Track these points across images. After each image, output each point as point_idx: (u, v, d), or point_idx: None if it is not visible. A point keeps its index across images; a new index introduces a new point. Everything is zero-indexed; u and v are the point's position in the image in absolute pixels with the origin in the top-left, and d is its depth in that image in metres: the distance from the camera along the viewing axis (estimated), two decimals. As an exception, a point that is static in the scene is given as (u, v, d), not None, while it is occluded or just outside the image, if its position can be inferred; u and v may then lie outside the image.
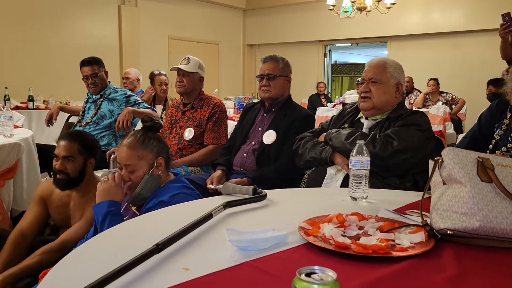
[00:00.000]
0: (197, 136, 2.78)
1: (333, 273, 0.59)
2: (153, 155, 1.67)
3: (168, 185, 1.67)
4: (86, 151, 2.04)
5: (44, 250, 1.85)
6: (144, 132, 1.70)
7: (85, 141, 2.06)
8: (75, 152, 2.01)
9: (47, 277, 0.85)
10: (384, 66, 2.00)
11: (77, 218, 2.02)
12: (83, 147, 2.03)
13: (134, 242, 1.02)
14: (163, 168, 1.69)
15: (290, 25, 10.09)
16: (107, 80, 3.54)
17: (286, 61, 2.57)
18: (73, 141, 2.02)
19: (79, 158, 2.02)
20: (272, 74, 2.49)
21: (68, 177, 1.99)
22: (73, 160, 2.00)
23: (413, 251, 0.96)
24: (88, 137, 2.15)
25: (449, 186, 1.08)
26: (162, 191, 1.64)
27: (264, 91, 2.51)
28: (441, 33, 8.29)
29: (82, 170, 2.03)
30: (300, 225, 1.10)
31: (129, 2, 8.26)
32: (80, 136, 2.08)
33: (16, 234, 2.02)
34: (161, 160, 1.68)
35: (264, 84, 2.50)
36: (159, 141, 1.72)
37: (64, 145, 2.01)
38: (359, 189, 1.43)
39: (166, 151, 1.74)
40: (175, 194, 1.58)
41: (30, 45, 6.73)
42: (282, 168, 2.33)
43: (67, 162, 1.99)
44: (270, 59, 2.54)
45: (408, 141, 1.82)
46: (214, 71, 9.91)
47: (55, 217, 2.13)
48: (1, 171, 2.54)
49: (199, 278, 0.83)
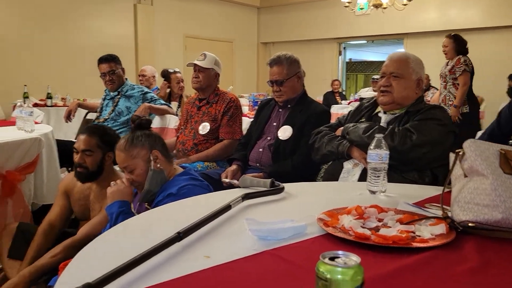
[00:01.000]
0: (213, 131, 2.79)
1: (357, 257, 0.59)
2: (146, 150, 1.69)
3: (176, 178, 1.69)
4: (104, 145, 2.06)
5: (67, 245, 1.89)
6: (132, 132, 1.74)
7: (104, 136, 2.08)
8: (94, 146, 2.03)
9: (71, 264, 0.86)
10: (406, 61, 1.98)
11: (96, 211, 2.06)
12: (102, 141, 2.05)
13: (155, 232, 1.03)
14: (161, 160, 1.70)
15: (305, 23, 10.05)
16: (124, 77, 3.58)
17: (292, 59, 2.51)
18: (92, 135, 2.05)
19: (98, 152, 2.04)
20: (279, 79, 2.47)
21: (87, 170, 2.03)
22: (92, 154, 2.02)
23: (434, 243, 0.95)
24: (108, 131, 2.16)
25: (471, 179, 1.07)
26: (170, 184, 1.66)
27: (277, 96, 2.52)
28: (458, 29, 8.15)
29: (101, 164, 2.05)
30: (319, 216, 1.10)
31: (145, 1, 8.33)
32: (99, 131, 2.10)
33: (45, 225, 2.10)
34: (156, 153, 1.69)
35: (275, 89, 2.50)
36: (148, 136, 1.73)
37: (84, 139, 2.04)
38: (378, 182, 1.42)
39: (159, 143, 1.75)
40: (183, 186, 1.59)
41: (48, 44, 6.83)
42: (299, 164, 2.33)
43: (86, 156, 2.02)
44: (275, 64, 2.49)
45: (428, 135, 1.80)
46: (229, 69, 9.92)
47: (76, 210, 2.18)
48: (22, 165, 2.58)
49: (220, 266, 0.84)
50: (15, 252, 2.05)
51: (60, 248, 1.88)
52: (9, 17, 6.46)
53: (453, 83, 4.55)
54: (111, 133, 2.17)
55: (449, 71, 4.57)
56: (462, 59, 4.50)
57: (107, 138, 2.08)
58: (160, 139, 1.78)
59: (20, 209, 2.59)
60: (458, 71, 4.48)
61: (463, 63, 4.48)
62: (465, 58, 4.52)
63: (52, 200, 2.71)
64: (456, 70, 4.49)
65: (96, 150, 2.04)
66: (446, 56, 4.68)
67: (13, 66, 6.43)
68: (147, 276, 0.79)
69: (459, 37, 4.65)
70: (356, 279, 0.57)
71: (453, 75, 4.53)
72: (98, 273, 0.73)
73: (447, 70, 4.61)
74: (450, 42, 4.61)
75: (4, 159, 2.46)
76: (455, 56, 4.56)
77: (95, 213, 2.04)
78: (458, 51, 4.56)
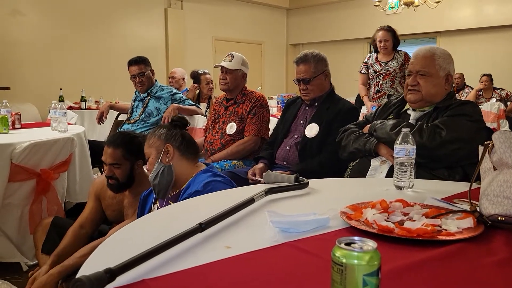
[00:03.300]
0: (240, 131, 2.80)
1: (373, 243, 0.58)
2: (161, 141, 1.72)
3: (199, 176, 1.69)
4: (131, 155, 2.01)
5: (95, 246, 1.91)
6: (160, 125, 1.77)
7: (129, 146, 2.02)
8: (121, 158, 1.99)
9: (96, 252, 0.89)
10: (432, 58, 1.91)
11: (129, 216, 2.06)
12: (128, 152, 2.00)
13: (178, 224, 1.04)
14: (174, 156, 1.71)
15: (334, 23, 9.96)
16: (154, 79, 3.64)
17: (319, 57, 2.48)
18: (117, 147, 1.99)
19: (126, 163, 2.00)
20: (306, 78, 2.44)
21: (118, 182, 2.01)
22: (120, 167, 1.99)
23: (460, 236, 0.93)
24: (133, 140, 2.06)
25: (500, 171, 1.03)
26: (193, 182, 1.67)
27: (304, 95, 2.50)
28: (494, 27, 7.91)
29: (131, 174, 2.02)
30: (342, 210, 1.09)
31: (175, 5, 8.47)
32: (124, 141, 2.03)
33: (76, 226, 2.11)
34: (169, 147, 1.71)
35: (302, 88, 2.48)
36: (168, 130, 1.75)
37: (110, 153, 1.99)
38: (404, 178, 1.39)
39: (179, 140, 1.74)
40: (208, 182, 1.60)
41: (82, 49, 7.04)
42: (326, 161, 2.30)
43: (114, 168, 1.99)
44: (301, 62, 2.47)
45: (458, 131, 1.75)
46: (258, 71, 9.95)
47: (108, 214, 2.18)
48: (56, 164, 2.67)
49: (240, 255, 0.84)
50: (48, 247, 2.09)
51: (88, 248, 1.90)
52: (45, 23, 6.69)
53: (400, 82, 4.12)
54: (137, 141, 2.06)
55: (399, 68, 4.11)
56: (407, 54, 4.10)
57: (134, 148, 2.02)
58: (183, 136, 1.77)
59: (54, 206, 2.68)
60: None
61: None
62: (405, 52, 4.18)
63: (84, 198, 2.79)
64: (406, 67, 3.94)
65: (124, 162, 1.99)
66: (385, 51, 4.18)
67: (49, 70, 6.66)
68: (167, 264, 0.80)
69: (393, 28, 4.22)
70: (373, 264, 0.56)
71: (402, 72, 4.08)
72: (121, 260, 0.74)
73: (395, 67, 4.12)
74: (390, 35, 4.14)
75: (39, 158, 2.55)
76: (392, 51, 4.19)
77: (128, 218, 2.05)
78: (395, 45, 4.19)
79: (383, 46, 4.15)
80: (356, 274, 0.56)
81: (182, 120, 1.81)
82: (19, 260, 2.57)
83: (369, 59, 4.36)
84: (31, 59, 6.51)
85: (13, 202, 2.52)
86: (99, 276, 0.67)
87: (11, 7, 6.34)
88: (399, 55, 4.17)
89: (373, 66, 4.27)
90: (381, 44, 4.16)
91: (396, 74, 4.13)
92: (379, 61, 4.25)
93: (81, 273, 0.72)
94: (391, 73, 4.14)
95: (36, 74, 6.54)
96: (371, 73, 4.29)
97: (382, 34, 4.16)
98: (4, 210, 2.49)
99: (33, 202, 2.56)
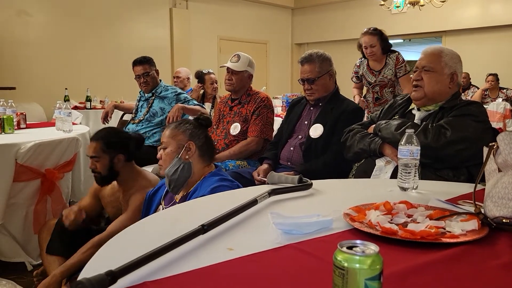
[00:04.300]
0: (244, 131, 2.80)
1: (375, 246, 0.58)
2: (184, 137, 1.73)
3: (208, 178, 1.70)
4: (110, 149, 2.04)
5: (95, 242, 1.93)
6: (187, 119, 1.77)
7: (108, 139, 2.05)
8: (99, 151, 2.03)
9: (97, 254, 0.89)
10: (439, 55, 1.91)
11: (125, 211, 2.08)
12: (107, 145, 2.04)
13: (181, 225, 1.04)
14: (194, 155, 1.72)
15: (339, 23, 9.93)
16: (158, 79, 3.64)
17: (324, 56, 2.48)
18: (96, 141, 2.05)
19: (105, 157, 2.04)
20: (311, 77, 2.44)
21: (100, 174, 2.06)
22: (99, 160, 2.04)
23: (464, 238, 0.92)
24: (114, 134, 2.12)
25: (505, 173, 1.02)
26: (202, 184, 1.68)
27: (308, 95, 2.50)
28: (500, 26, 7.85)
29: (111, 167, 2.06)
30: (345, 211, 1.08)
31: (180, 5, 8.47)
32: (102, 135, 2.08)
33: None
34: (191, 145, 1.71)
35: (307, 88, 2.47)
36: (195, 128, 1.76)
37: (89, 146, 2.07)
38: (409, 179, 1.38)
39: (202, 140, 1.76)
40: (216, 187, 1.60)
41: (87, 49, 7.06)
42: (330, 161, 2.30)
43: (95, 161, 2.05)
44: (306, 62, 2.47)
45: (463, 132, 1.73)
46: (263, 70, 9.94)
47: (108, 211, 2.23)
48: (60, 164, 2.68)
49: (243, 257, 0.84)
50: (52, 248, 2.11)
51: (89, 245, 1.93)
52: (50, 23, 6.72)
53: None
54: (118, 135, 2.13)
55: (394, 76, 3.67)
56: (400, 57, 3.68)
57: (113, 141, 2.06)
58: (206, 139, 1.79)
59: (59, 205, 2.69)
60: (401, 71, 3.65)
61: (402, 61, 3.67)
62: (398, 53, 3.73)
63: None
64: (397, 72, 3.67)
65: (102, 155, 2.04)
66: (373, 58, 3.70)
67: (54, 70, 6.68)
68: (169, 266, 0.80)
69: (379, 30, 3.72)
70: (374, 268, 0.55)
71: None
72: (122, 262, 0.74)
73: (390, 75, 3.67)
74: (376, 39, 3.66)
75: (44, 157, 2.56)
76: (383, 56, 3.69)
77: (124, 213, 2.07)
78: (384, 49, 3.69)
79: (370, 53, 3.67)
80: (357, 278, 0.56)
81: (207, 120, 1.83)
82: (24, 260, 2.58)
83: (359, 67, 3.88)
84: (36, 59, 6.54)
85: (18, 202, 2.54)
86: (101, 279, 0.67)
87: (17, 7, 6.37)
88: (391, 59, 3.67)
89: (365, 77, 3.82)
90: (367, 51, 3.68)
91: (393, 82, 3.69)
92: (372, 70, 3.76)
93: (82, 275, 0.72)
94: (388, 83, 3.70)
95: (42, 74, 6.57)
96: (366, 84, 3.85)
97: (366, 39, 3.68)
98: (9, 210, 2.51)
99: (38, 202, 2.58)
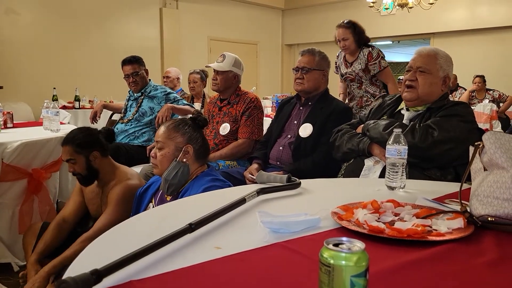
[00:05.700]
0: (233, 131, 2.79)
1: (361, 243, 0.58)
2: (183, 139, 1.72)
3: (200, 178, 1.70)
4: (82, 149, 2.04)
5: (80, 240, 1.92)
6: (184, 119, 1.76)
7: (76, 140, 2.05)
8: (72, 153, 2.03)
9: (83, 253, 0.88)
10: (435, 57, 1.93)
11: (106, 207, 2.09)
12: (77, 146, 2.04)
13: (168, 224, 1.03)
14: (191, 158, 1.72)
15: (329, 24, 9.85)
16: (148, 78, 3.62)
17: (324, 55, 2.55)
18: (67, 144, 2.05)
19: (79, 157, 2.04)
20: (306, 67, 2.48)
21: (81, 175, 2.07)
22: (75, 161, 2.04)
23: (450, 236, 0.93)
24: (83, 134, 2.10)
25: (491, 172, 1.03)
26: (193, 184, 1.67)
27: (297, 84, 2.50)
28: (487, 28, 7.95)
29: (89, 166, 2.06)
30: (333, 210, 1.09)
31: (170, 5, 8.44)
32: (70, 138, 2.07)
33: (59, 219, 2.14)
34: (189, 148, 1.71)
35: (298, 77, 2.49)
36: (194, 131, 1.76)
37: (63, 151, 2.07)
38: (396, 178, 1.39)
39: (199, 142, 1.76)
40: (208, 187, 1.60)
41: (76, 48, 7.00)
42: (320, 161, 2.30)
43: (72, 164, 2.05)
44: (307, 52, 2.53)
45: (450, 132, 1.75)
46: (253, 71, 9.94)
47: (91, 208, 2.21)
48: (48, 164, 2.65)
49: (230, 256, 0.84)
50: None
51: (77, 242, 1.92)
52: (39, 22, 6.65)
53: (371, 81, 3.54)
54: (87, 133, 2.11)
55: (362, 71, 3.48)
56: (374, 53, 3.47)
57: (84, 140, 2.06)
58: (203, 141, 1.80)
59: (46, 206, 2.66)
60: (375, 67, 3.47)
61: (376, 57, 3.46)
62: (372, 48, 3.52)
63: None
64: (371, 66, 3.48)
65: (77, 156, 2.04)
66: (347, 51, 3.54)
67: (42, 69, 6.61)
68: (155, 265, 0.79)
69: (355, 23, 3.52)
70: (360, 265, 0.55)
71: (368, 75, 3.50)
72: (109, 261, 0.73)
73: (358, 70, 3.49)
74: (349, 32, 3.46)
75: (31, 157, 2.53)
76: (357, 49, 3.51)
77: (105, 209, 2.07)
78: (360, 42, 3.51)
79: (343, 46, 3.51)
80: (343, 275, 0.56)
81: (204, 121, 1.84)
82: (10, 261, 2.55)
83: (338, 57, 3.74)
84: (24, 58, 6.47)
85: (4, 202, 2.51)
86: (85, 278, 0.66)
87: (4, 5, 6.29)
88: (363, 54, 3.48)
89: (340, 68, 3.70)
90: (340, 44, 3.52)
91: (360, 78, 3.52)
92: (346, 62, 3.62)
93: (68, 274, 0.71)
94: (355, 77, 3.54)
95: (30, 73, 6.50)
96: (339, 76, 3.76)
97: (340, 32, 3.50)
98: (-5, 210, 2.48)
99: (24, 202, 2.55)
